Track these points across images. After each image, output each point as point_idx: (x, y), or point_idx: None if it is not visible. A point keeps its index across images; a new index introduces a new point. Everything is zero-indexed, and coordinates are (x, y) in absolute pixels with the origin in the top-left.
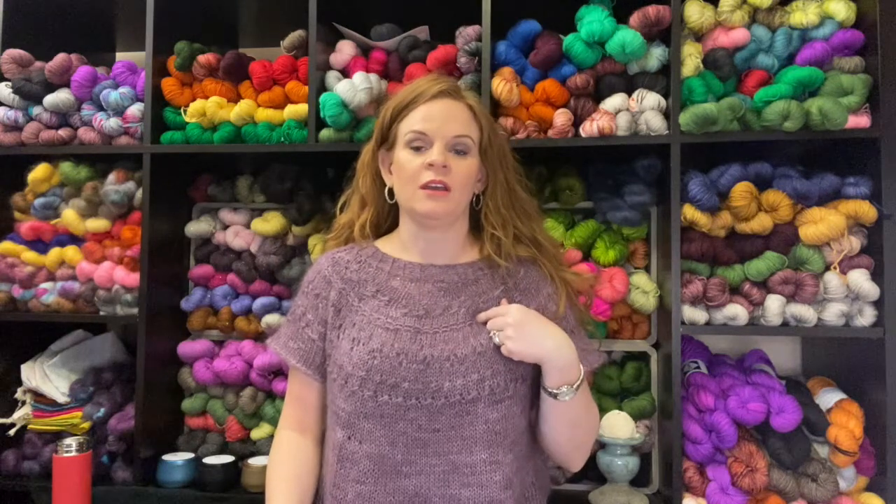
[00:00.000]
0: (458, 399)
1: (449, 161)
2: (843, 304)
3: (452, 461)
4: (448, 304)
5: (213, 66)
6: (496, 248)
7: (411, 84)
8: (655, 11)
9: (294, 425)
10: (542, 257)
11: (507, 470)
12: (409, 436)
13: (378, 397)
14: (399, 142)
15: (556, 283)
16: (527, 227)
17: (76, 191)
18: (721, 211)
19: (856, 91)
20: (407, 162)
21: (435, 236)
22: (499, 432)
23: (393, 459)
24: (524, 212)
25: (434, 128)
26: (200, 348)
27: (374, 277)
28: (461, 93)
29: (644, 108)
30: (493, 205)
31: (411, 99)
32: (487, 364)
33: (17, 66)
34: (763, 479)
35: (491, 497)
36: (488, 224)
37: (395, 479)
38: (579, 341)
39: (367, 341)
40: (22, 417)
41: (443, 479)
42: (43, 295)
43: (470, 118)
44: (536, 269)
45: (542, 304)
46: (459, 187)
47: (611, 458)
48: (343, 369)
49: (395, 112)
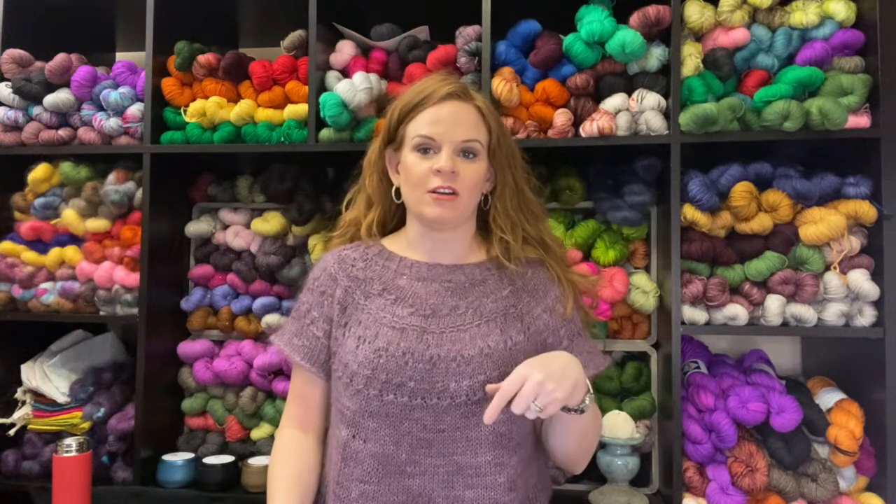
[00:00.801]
0: (464, 400)
1: (457, 166)
2: (843, 304)
3: (457, 462)
4: (455, 305)
5: (213, 66)
6: (504, 250)
7: (420, 83)
8: (655, 11)
9: (296, 423)
10: (550, 259)
11: (512, 472)
12: (413, 435)
13: (383, 396)
14: (406, 143)
15: (563, 285)
16: (534, 229)
17: (76, 191)
18: (721, 211)
19: (856, 91)
20: (414, 165)
21: (442, 237)
22: (504, 434)
23: (397, 459)
24: (532, 213)
25: (442, 132)
26: (200, 348)
27: (381, 276)
28: (470, 93)
29: (644, 108)
30: (502, 207)
31: (419, 101)
32: (494, 366)
33: (17, 66)
34: (763, 479)
35: (495, 499)
36: (496, 227)
37: (399, 479)
38: (585, 344)
39: (374, 340)
40: (22, 417)
41: (447, 480)
42: (43, 295)
43: (478, 120)
44: (544, 271)
45: (550, 306)
46: (467, 191)
47: (611, 458)
48: (348, 367)
49: (402, 113)
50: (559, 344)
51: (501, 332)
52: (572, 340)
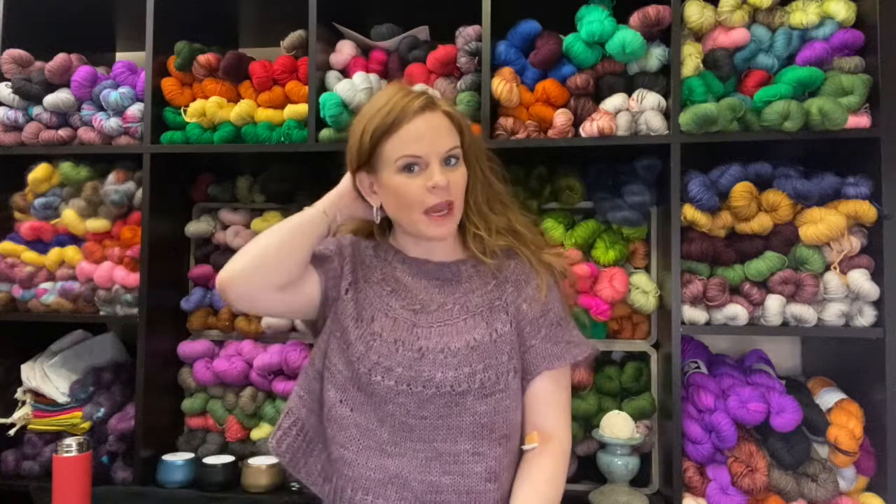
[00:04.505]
0: (448, 390)
1: (447, 176)
2: (843, 304)
3: (437, 448)
4: (443, 301)
5: (213, 66)
6: (479, 245)
7: (381, 101)
8: (655, 11)
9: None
10: (521, 245)
11: (493, 463)
12: (396, 419)
13: (372, 376)
14: (387, 165)
15: (537, 269)
16: (503, 219)
17: (76, 191)
18: (721, 211)
19: (856, 91)
20: (404, 186)
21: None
22: (485, 425)
23: (379, 437)
24: (500, 203)
25: (427, 148)
26: (200, 348)
27: (382, 266)
28: (435, 102)
29: (644, 108)
30: (475, 202)
31: (392, 120)
32: (480, 358)
33: (17, 66)
34: (763, 479)
35: (470, 487)
36: (471, 224)
37: (379, 457)
38: (566, 333)
39: (370, 322)
40: (22, 417)
41: (424, 465)
42: (43, 295)
43: (451, 127)
44: (525, 261)
45: (530, 296)
46: (459, 198)
47: (611, 458)
48: (347, 332)
49: (376, 135)
50: (536, 334)
51: (487, 325)
52: (551, 329)
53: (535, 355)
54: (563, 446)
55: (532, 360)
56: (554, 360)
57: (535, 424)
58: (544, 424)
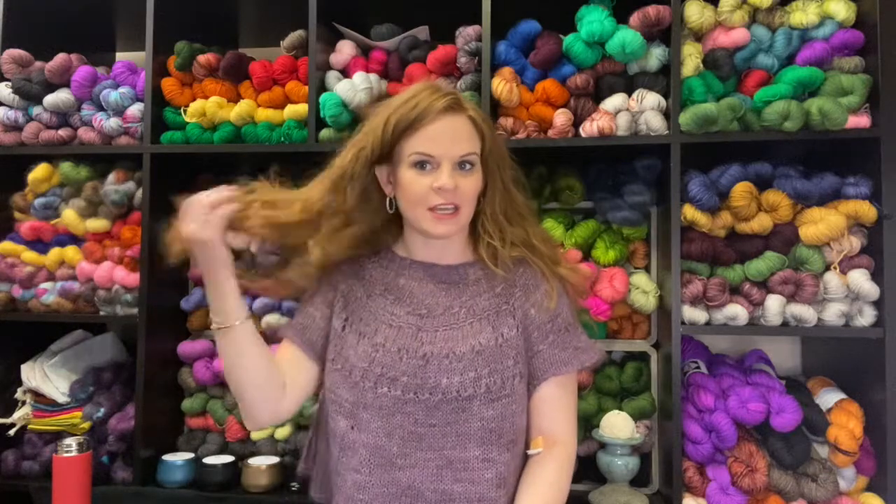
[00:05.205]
0: (454, 396)
1: (457, 181)
2: (843, 304)
3: (446, 456)
4: (450, 304)
5: (213, 66)
6: (491, 255)
7: (410, 94)
8: (655, 11)
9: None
10: (534, 257)
11: (502, 468)
12: (405, 429)
13: (377, 389)
14: (402, 160)
15: (549, 280)
16: (521, 231)
17: (76, 191)
18: (721, 211)
19: (856, 91)
20: (413, 183)
21: (440, 241)
22: (493, 430)
23: (389, 451)
24: (518, 215)
25: (441, 149)
26: (200, 348)
27: (384, 277)
28: (462, 104)
29: (644, 108)
30: (490, 211)
31: (415, 117)
32: (485, 362)
33: (17, 66)
34: (763, 479)
35: (482, 494)
36: (485, 233)
37: (390, 471)
38: (574, 338)
39: (373, 336)
40: (22, 417)
41: (436, 474)
42: (43, 295)
43: (472, 131)
44: (535, 266)
45: (538, 301)
46: (467, 203)
47: (611, 458)
48: (349, 361)
49: (398, 130)
50: (544, 339)
51: (493, 330)
52: (559, 335)
53: (543, 361)
54: (568, 451)
55: (539, 365)
56: (561, 366)
57: (542, 429)
58: (551, 429)
